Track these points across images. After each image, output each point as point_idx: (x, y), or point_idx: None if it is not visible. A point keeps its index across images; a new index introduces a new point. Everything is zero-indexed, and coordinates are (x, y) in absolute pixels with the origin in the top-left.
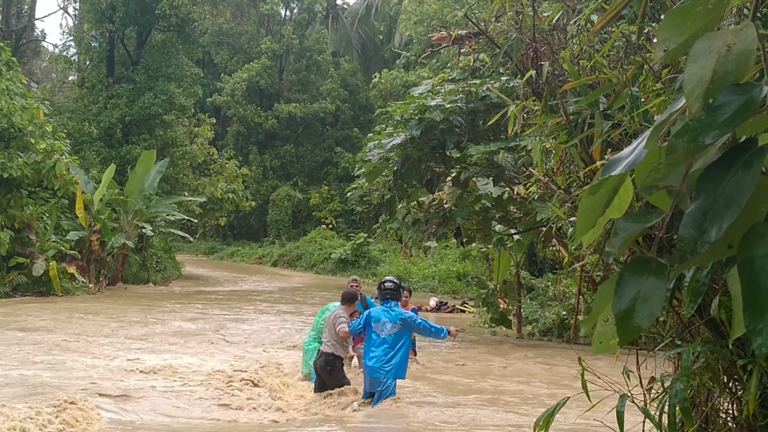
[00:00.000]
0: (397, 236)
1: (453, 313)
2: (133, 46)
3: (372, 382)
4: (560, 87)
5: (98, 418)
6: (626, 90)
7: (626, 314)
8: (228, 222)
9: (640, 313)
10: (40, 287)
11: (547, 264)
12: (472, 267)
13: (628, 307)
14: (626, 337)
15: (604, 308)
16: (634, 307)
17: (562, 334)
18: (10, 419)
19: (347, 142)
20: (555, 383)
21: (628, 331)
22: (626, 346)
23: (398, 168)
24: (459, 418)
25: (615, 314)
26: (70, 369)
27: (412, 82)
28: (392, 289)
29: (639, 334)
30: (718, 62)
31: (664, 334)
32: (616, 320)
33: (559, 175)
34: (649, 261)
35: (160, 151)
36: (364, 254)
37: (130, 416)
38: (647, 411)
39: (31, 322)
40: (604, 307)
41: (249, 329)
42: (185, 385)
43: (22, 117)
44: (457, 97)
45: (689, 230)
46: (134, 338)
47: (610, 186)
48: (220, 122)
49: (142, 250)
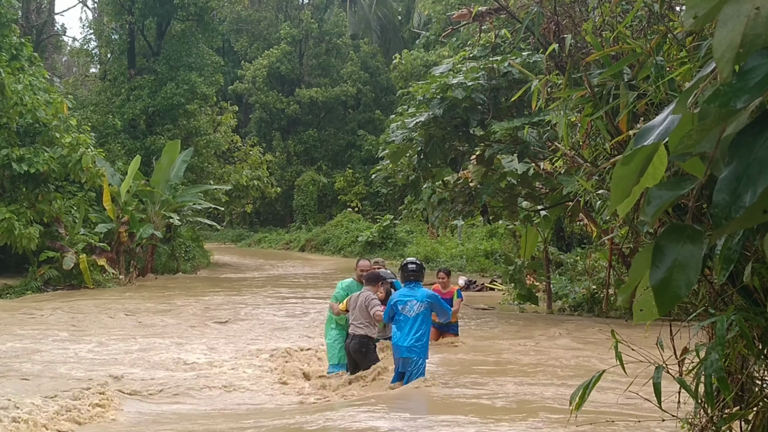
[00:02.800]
0: (423, 217)
1: (482, 292)
2: (153, 36)
3: (404, 362)
4: (583, 59)
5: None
6: (651, 59)
7: (664, 283)
8: (254, 209)
9: (677, 282)
10: (71, 280)
11: (575, 239)
12: (499, 245)
13: (665, 276)
14: (665, 306)
15: (641, 277)
16: (671, 275)
17: (593, 309)
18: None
19: (370, 125)
20: (589, 357)
21: (666, 300)
22: (658, 317)
23: (422, 148)
24: (492, 396)
25: (652, 284)
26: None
27: (432, 61)
28: (415, 270)
29: (678, 303)
30: (747, 25)
31: (697, 304)
32: (654, 290)
33: (585, 149)
34: (684, 228)
35: (184, 141)
36: (391, 236)
37: (168, 407)
38: (683, 381)
39: (78, 313)
40: (641, 275)
41: (284, 314)
42: (230, 371)
43: (47, 112)
44: (479, 75)
45: (723, 196)
46: (180, 328)
47: (643, 155)
48: (243, 110)
49: (170, 240)
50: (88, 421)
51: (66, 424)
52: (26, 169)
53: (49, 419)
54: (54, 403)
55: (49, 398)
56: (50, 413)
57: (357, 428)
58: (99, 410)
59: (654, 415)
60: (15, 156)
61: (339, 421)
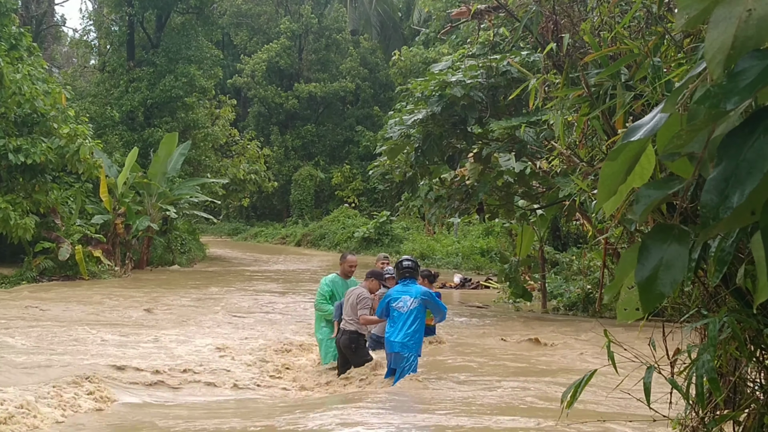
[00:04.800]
0: (419, 213)
1: (477, 290)
2: (152, 29)
3: (396, 358)
4: (581, 59)
5: (115, 400)
6: (648, 60)
7: (649, 282)
8: (251, 203)
9: (663, 281)
10: (67, 271)
11: (570, 238)
12: (495, 243)
13: (650, 274)
14: (649, 305)
15: (627, 275)
16: (657, 274)
17: (587, 308)
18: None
19: (368, 121)
20: (582, 357)
21: (651, 298)
22: (651, 318)
23: (419, 145)
24: (483, 394)
25: (637, 282)
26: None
27: (431, 58)
28: (410, 267)
29: (662, 302)
30: (738, 27)
31: (690, 305)
32: (639, 288)
33: (581, 148)
34: (671, 228)
35: (182, 134)
36: (387, 232)
37: (162, 397)
38: (674, 382)
39: (78, 303)
40: (627, 274)
41: (275, 309)
42: (223, 364)
43: (45, 102)
44: (478, 73)
45: (711, 196)
46: (174, 321)
47: (631, 152)
48: (241, 103)
49: (166, 233)
50: (78, 411)
51: (56, 412)
52: (23, 159)
53: (41, 405)
54: (47, 391)
55: (41, 386)
56: (42, 401)
57: (348, 423)
58: (91, 401)
59: (645, 414)
60: (12, 146)
61: (331, 418)
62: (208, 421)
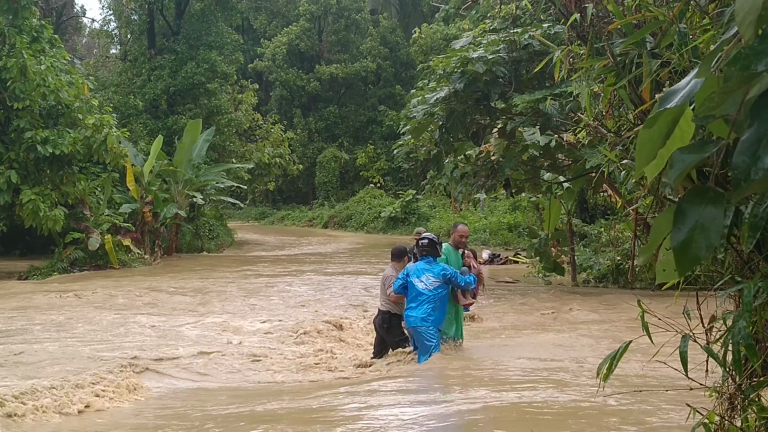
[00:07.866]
0: (445, 191)
1: (506, 265)
2: (172, 16)
3: (415, 333)
4: (605, 28)
5: (148, 386)
6: (673, 27)
7: (685, 245)
8: (277, 186)
9: (698, 244)
10: (97, 261)
11: (598, 210)
12: (522, 217)
13: (686, 237)
14: (685, 268)
15: (661, 239)
16: (692, 237)
17: (617, 280)
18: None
19: (390, 100)
20: (616, 328)
21: (686, 261)
22: (685, 287)
23: (443, 122)
24: (515, 368)
25: (673, 245)
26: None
27: (452, 35)
28: (428, 245)
29: (698, 265)
30: None
31: (724, 272)
32: (675, 251)
33: (608, 119)
34: (707, 190)
35: (205, 120)
36: (414, 211)
37: (203, 382)
38: (710, 350)
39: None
40: (662, 236)
41: (313, 289)
42: (259, 348)
43: (69, 93)
44: (499, 48)
45: (743, 158)
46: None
47: (668, 118)
48: (263, 88)
49: (194, 219)
50: (114, 397)
51: (90, 399)
52: (51, 151)
53: (74, 395)
54: (79, 379)
55: (74, 374)
56: (75, 389)
57: (372, 406)
58: (123, 387)
59: (682, 384)
60: (39, 138)
61: (355, 397)
62: (244, 406)
